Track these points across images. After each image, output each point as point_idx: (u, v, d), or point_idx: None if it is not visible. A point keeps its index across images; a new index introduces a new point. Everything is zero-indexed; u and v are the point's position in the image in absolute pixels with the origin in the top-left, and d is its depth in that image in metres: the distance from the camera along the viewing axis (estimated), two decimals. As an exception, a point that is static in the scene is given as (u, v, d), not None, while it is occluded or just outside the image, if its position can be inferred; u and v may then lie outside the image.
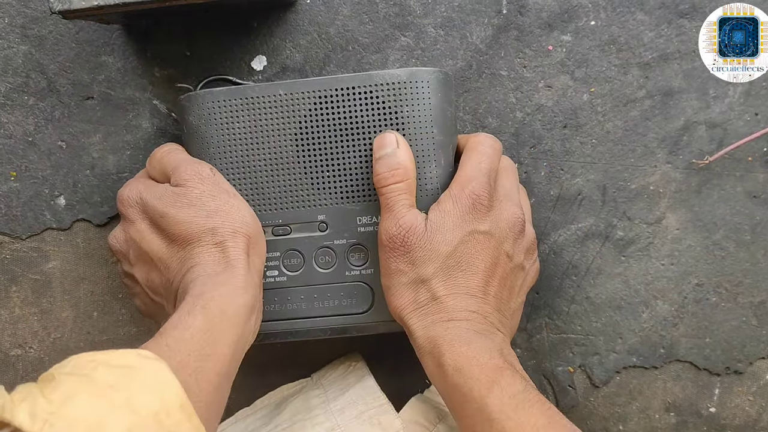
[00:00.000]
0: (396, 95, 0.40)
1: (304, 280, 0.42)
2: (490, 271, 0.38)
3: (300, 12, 0.46)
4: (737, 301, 0.47)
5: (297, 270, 0.42)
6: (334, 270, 0.42)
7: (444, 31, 0.45)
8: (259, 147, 0.41)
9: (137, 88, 0.47)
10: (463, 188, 0.38)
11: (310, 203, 0.41)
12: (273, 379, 0.50)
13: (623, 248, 0.47)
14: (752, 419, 0.48)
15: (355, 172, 0.41)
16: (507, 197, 0.40)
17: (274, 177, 0.41)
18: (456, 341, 0.36)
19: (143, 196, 0.39)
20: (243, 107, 0.40)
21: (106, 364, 0.29)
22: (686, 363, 0.47)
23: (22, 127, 0.48)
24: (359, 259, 0.42)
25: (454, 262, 0.38)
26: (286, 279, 0.42)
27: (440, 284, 0.38)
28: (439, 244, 0.38)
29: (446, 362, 0.36)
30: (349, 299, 0.42)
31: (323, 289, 0.42)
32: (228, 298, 0.35)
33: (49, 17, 0.46)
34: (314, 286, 0.42)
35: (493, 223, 0.39)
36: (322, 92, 0.40)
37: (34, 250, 0.49)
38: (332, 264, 0.42)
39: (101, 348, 0.49)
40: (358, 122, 0.40)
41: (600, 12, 0.45)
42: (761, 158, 0.45)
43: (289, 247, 0.42)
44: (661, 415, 0.48)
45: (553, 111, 0.46)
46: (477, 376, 0.35)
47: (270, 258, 0.42)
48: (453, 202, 0.38)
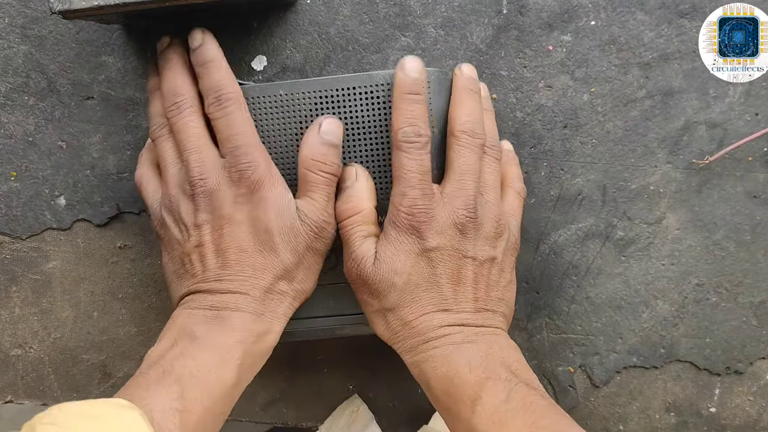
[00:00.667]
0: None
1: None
2: (455, 280, 0.37)
3: (300, 12, 0.46)
4: (737, 301, 0.47)
5: None
6: (334, 270, 0.42)
7: (444, 31, 0.45)
8: None
9: (137, 88, 0.47)
10: (398, 209, 0.37)
11: None
12: (274, 380, 0.50)
13: (623, 248, 0.47)
14: (752, 419, 0.48)
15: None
16: (452, 194, 0.38)
17: None
18: (438, 363, 0.36)
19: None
20: None
21: (84, 414, 0.30)
22: (686, 363, 0.47)
23: (23, 127, 0.48)
24: None
25: (413, 286, 0.37)
26: None
27: (406, 310, 0.37)
28: (391, 276, 0.37)
29: (433, 386, 0.36)
30: (349, 300, 0.42)
31: (323, 290, 0.42)
32: (252, 350, 0.36)
33: (49, 17, 0.46)
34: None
35: (439, 234, 0.37)
36: (323, 92, 0.40)
37: (34, 250, 0.49)
38: (332, 264, 0.42)
39: (101, 348, 0.49)
40: (358, 122, 0.40)
41: (600, 12, 0.45)
42: (761, 158, 0.45)
43: None
44: (661, 415, 0.48)
45: (554, 111, 0.46)
46: (461, 397, 0.35)
47: None
48: (393, 228, 0.37)
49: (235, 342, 0.36)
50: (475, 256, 0.38)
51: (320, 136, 0.38)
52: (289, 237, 0.37)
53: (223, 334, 0.36)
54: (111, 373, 0.50)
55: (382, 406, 0.50)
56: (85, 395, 0.50)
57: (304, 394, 0.50)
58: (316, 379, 0.50)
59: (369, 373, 0.49)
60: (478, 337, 0.37)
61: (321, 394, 0.50)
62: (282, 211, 0.37)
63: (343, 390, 0.50)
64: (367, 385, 0.50)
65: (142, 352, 0.50)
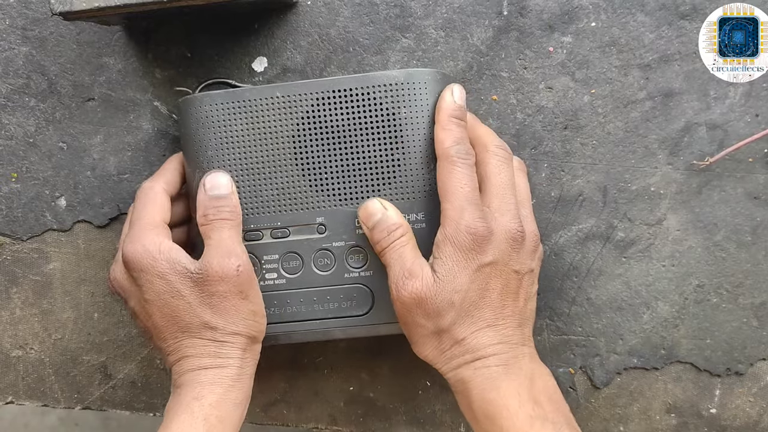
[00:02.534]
0: (393, 96, 0.39)
1: (303, 282, 0.42)
2: (503, 294, 0.38)
3: (301, 13, 0.46)
4: (738, 302, 0.47)
5: (296, 272, 0.42)
6: (333, 272, 0.42)
7: (445, 33, 0.45)
8: (257, 149, 0.41)
9: (138, 89, 0.47)
10: (458, 225, 0.37)
11: (309, 206, 0.41)
12: (275, 381, 0.50)
13: (624, 249, 0.47)
14: (753, 420, 0.48)
15: (354, 174, 0.40)
16: (500, 209, 0.39)
17: (273, 179, 0.41)
18: (485, 386, 0.37)
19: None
20: (240, 110, 0.40)
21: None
22: (687, 364, 0.47)
23: (23, 128, 0.48)
24: (358, 261, 0.41)
25: (468, 303, 0.38)
26: (285, 282, 0.42)
27: (460, 328, 0.38)
28: (451, 294, 0.37)
29: (477, 408, 0.38)
30: (349, 302, 0.42)
31: (322, 291, 0.42)
32: (223, 400, 0.38)
33: (50, 19, 0.46)
34: (313, 289, 0.42)
35: (495, 248, 0.38)
36: (320, 94, 0.40)
37: (34, 251, 0.49)
38: (331, 266, 0.42)
39: (102, 349, 0.50)
40: (356, 123, 0.40)
41: (600, 13, 0.45)
42: (762, 159, 0.45)
43: (287, 250, 0.42)
44: (661, 417, 0.48)
45: (554, 112, 0.46)
46: (508, 428, 0.36)
47: (269, 261, 0.42)
48: (452, 245, 0.37)
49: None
50: (520, 270, 0.39)
51: (207, 194, 0.40)
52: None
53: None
54: (111, 374, 0.50)
55: (382, 407, 0.50)
56: (85, 396, 0.50)
57: (304, 395, 0.50)
58: (317, 380, 0.50)
59: (369, 375, 0.49)
60: (523, 360, 0.38)
61: (321, 396, 0.50)
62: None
63: (344, 391, 0.50)
64: (367, 386, 0.50)
65: (142, 353, 0.50)
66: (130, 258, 0.39)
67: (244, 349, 0.39)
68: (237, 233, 0.40)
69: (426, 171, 0.40)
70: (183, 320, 0.39)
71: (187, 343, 0.39)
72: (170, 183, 0.43)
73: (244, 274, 0.39)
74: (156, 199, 0.41)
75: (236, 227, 0.40)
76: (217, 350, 0.39)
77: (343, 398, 0.50)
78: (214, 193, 0.40)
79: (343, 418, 0.50)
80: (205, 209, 0.40)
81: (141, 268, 0.38)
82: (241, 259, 0.39)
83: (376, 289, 0.41)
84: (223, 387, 0.38)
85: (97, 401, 0.50)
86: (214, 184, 0.40)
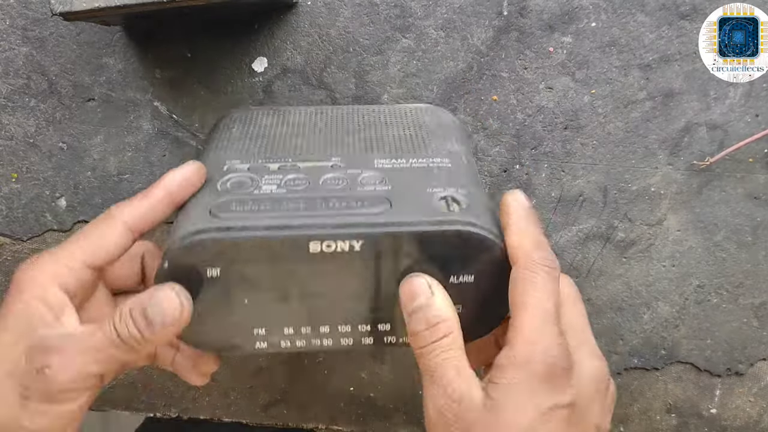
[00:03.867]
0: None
1: (307, 194, 0.33)
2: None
3: (301, 13, 0.46)
4: (738, 303, 0.47)
5: (300, 186, 0.33)
6: (344, 187, 0.33)
7: (445, 33, 0.45)
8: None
9: (138, 89, 0.47)
10: (533, 347, 0.29)
11: (325, 152, 0.36)
12: (275, 381, 0.49)
13: (624, 250, 0.47)
14: (753, 420, 0.48)
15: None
16: (582, 341, 0.31)
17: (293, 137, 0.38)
18: None
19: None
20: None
21: None
22: (687, 364, 0.47)
23: (23, 128, 0.48)
24: (374, 179, 0.34)
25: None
26: (286, 191, 0.33)
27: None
28: (507, 427, 0.29)
29: None
30: (361, 201, 0.32)
31: (329, 197, 0.32)
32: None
33: (50, 19, 0.46)
34: (318, 196, 0.32)
35: (575, 388, 0.30)
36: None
37: (35, 251, 0.49)
38: (341, 182, 0.34)
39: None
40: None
41: (601, 14, 0.45)
42: (762, 160, 0.45)
43: (294, 174, 0.34)
44: (662, 417, 0.48)
45: (554, 112, 0.46)
46: None
47: (270, 178, 0.34)
48: (519, 369, 0.29)
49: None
50: (601, 425, 0.31)
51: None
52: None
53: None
54: (112, 375, 0.50)
55: (382, 407, 0.50)
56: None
57: (304, 395, 0.50)
58: (317, 380, 0.50)
59: (369, 375, 0.49)
60: None
61: (321, 396, 0.50)
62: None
63: (344, 391, 0.50)
64: (367, 387, 0.50)
65: (142, 354, 0.50)
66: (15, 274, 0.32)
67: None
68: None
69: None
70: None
71: None
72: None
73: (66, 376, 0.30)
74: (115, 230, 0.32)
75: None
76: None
77: (343, 398, 0.50)
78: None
79: (343, 418, 0.50)
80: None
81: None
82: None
83: (393, 199, 0.32)
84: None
85: (97, 401, 0.50)
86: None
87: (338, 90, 0.46)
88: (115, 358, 0.30)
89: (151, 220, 0.33)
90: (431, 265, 0.31)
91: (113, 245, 0.32)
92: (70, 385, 0.29)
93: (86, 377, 0.30)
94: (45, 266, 0.31)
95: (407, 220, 0.30)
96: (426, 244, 0.31)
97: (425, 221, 0.30)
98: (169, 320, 0.29)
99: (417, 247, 0.31)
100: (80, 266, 0.32)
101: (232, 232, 0.30)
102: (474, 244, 0.31)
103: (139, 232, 0.33)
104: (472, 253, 0.31)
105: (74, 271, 0.31)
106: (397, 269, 0.31)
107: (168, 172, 0.33)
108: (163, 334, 0.30)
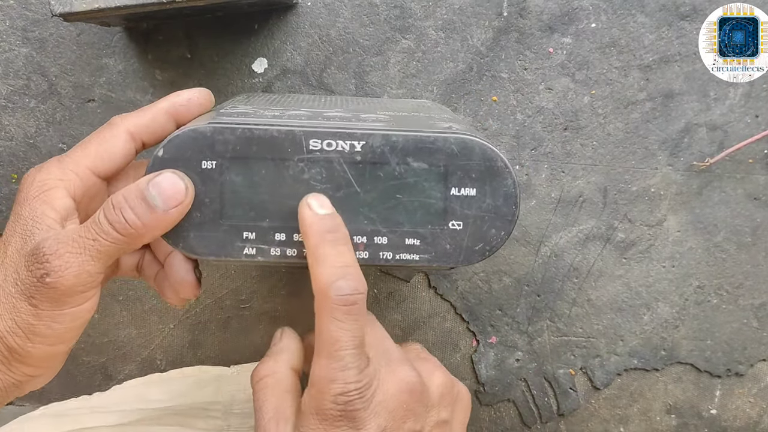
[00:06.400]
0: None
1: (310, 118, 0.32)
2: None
3: (301, 14, 0.46)
4: (738, 303, 0.47)
5: (302, 117, 0.32)
6: (347, 117, 0.33)
7: (445, 34, 0.45)
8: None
9: (138, 90, 0.47)
10: (322, 394, 0.28)
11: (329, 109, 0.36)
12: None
13: (624, 250, 0.47)
14: (753, 421, 0.48)
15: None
16: (389, 360, 0.31)
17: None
18: None
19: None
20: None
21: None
22: (687, 365, 0.47)
23: (23, 129, 0.48)
24: (377, 116, 0.34)
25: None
26: (288, 118, 0.32)
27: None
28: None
29: None
30: (363, 122, 0.32)
31: (332, 117, 0.33)
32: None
33: (50, 20, 0.46)
34: (321, 117, 0.33)
35: (380, 416, 0.29)
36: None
37: (35, 252, 0.49)
38: (344, 117, 0.33)
39: (102, 350, 0.49)
40: None
41: (600, 14, 0.45)
42: (762, 160, 0.45)
43: (295, 111, 0.34)
44: (662, 417, 0.48)
45: (554, 113, 0.46)
46: None
47: (273, 111, 0.34)
48: (315, 415, 0.29)
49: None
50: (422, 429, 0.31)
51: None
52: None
53: None
54: (112, 375, 0.50)
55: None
56: (86, 397, 0.50)
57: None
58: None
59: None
60: None
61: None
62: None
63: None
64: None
65: (142, 354, 0.50)
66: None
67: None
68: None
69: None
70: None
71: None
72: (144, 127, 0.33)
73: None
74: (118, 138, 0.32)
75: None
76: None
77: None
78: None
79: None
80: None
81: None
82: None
83: (396, 120, 0.33)
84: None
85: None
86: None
87: (338, 91, 0.46)
88: (112, 251, 0.29)
89: (153, 131, 0.32)
90: (432, 174, 0.31)
91: (117, 153, 0.32)
92: (73, 288, 0.29)
93: (87, 277, 0.29)
94: (52, 171, 0.31)
95: (411, 128, 0.31)
96: (429, 151, 0.30)
97: (429, 130, 0.31)
98: (173, 202, 0.28)
99: (419, 154, 0.30)
100: (86, 172, 0.31)
101: (233, 123, 0.30)
102: (478, 154, 0.31)
103: (141, 142, 0.32)
104: (474, 165, 0.31)
105: (80, 177, 0.31)
106: (397, 176, 0.31)
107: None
108: (165, 219, 0.29)
